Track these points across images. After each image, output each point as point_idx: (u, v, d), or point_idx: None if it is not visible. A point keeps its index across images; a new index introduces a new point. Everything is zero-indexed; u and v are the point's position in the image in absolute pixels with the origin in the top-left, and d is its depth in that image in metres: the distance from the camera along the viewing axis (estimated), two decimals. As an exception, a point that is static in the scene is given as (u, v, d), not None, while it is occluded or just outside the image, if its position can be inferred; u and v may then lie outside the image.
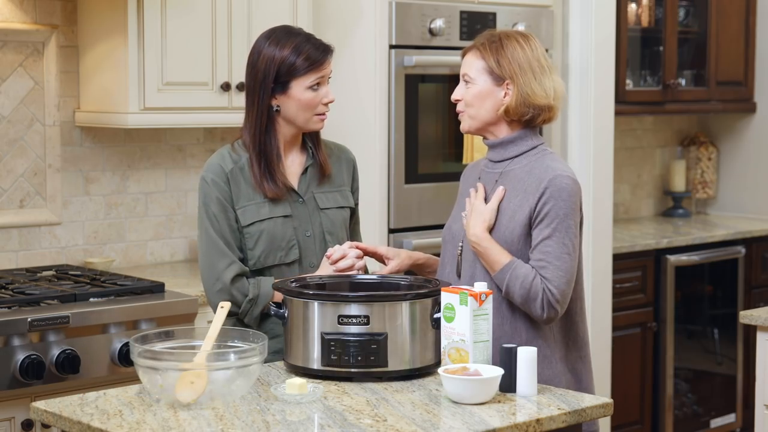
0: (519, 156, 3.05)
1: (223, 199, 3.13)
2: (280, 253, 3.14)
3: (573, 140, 5.08)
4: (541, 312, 2.91)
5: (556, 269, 2.91)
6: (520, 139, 3.05)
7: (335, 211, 3.24)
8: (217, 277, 3.10)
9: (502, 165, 3.07)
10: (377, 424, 2.45)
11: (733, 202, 6.47)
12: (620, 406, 5.12)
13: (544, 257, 2.92)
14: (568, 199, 2.94)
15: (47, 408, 2.58)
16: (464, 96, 3.05)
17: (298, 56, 3.11)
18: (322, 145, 3.26)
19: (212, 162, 3.17)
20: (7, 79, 4.13)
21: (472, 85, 3.04)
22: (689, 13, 6.09)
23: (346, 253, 3.10)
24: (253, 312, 3.11)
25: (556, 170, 2.98)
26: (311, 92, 3.13)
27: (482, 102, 3.03)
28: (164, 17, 4.06)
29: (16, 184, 4.17)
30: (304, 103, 3.12)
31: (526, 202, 2.97)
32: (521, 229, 2.97)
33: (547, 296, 2.90)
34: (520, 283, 2.91)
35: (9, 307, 3.54)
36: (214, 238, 3.12)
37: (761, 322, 3.77)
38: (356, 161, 3.37)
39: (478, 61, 3.04)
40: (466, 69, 3.05)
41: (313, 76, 3.12)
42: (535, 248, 2.94)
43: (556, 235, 2.92)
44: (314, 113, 3.15)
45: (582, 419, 2.62)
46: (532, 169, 3.01)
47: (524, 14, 4.84)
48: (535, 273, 2.91)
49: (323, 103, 3.15)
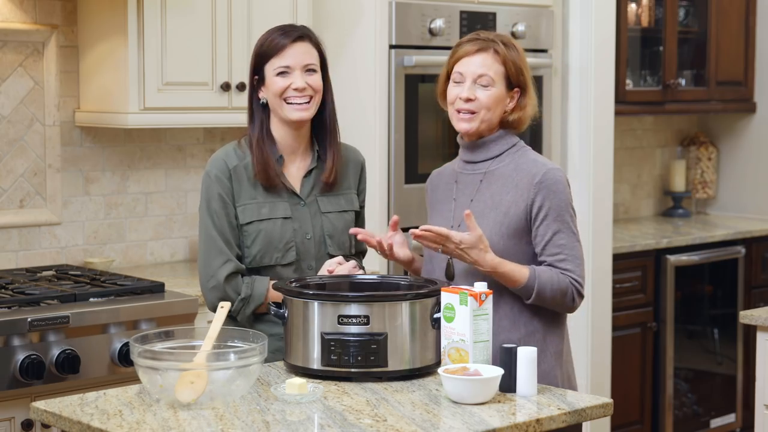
0: (501, 155, 3.08)
1: (224, 195, 3.13)
2: (276, 254, 3.14)
3: (573, 140, 5.08)
4: (572, 303, 3.02)
5: (575, 258, 3.01)
6: (501, 138, 3.09)
7: (337, 215, 3.24)
8: (211, 274, 3.11)
9: (485, 165, 3.09)
10: (377, 424, 2.45)
11: (733, 202, 6.47)
12: (620, 406, 5.12)
13: (561, 250, 2.99)
14: (564, 191, 3.02)
15: (47, 408, 2.58)
16: (480, 97, 3.04)
17: (263, 44, 3.16)
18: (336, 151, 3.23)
19: (217, 157, 3.18)
20: (7, 79, 4.13)
21: (492, 88, 3.04)
22: (689, 13, 6.09)
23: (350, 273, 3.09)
24: (245, 311, 3.12)
25: (545, 165, 3.05)
26: (279, 78, 3.13)
27: (497, 106, 3.06)
28: (164, 17, 4.06)
29: (16, 184, 4.17)
30: (274, 90, 3.14)
31: (520, 198, 3.01)
32: (516, 224, 3.01)
33: (575, 286, 3.00)
34: (550, 287, 2.97)
35: (9, 307, 3.54)
36: (212, 235, 3.12)
37: (761, 322, 3.77)
38: (365, 163, 3.35)
39: (498, 65, 3.04)
40: (485, 70, 3.04)
41: (277, 61, 3.14)
42: (548, 243, 3.00)
43: (565, 227, 3.00)
44: (287, 101, 3.14)
45: (582, 419, 2.62)
46: (518, 165, 3.05)
47: (524, 14, 4.84)
48: (557, 270, 2.98)
49: (293, 88, 3.13)
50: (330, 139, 3.23)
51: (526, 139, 4.87)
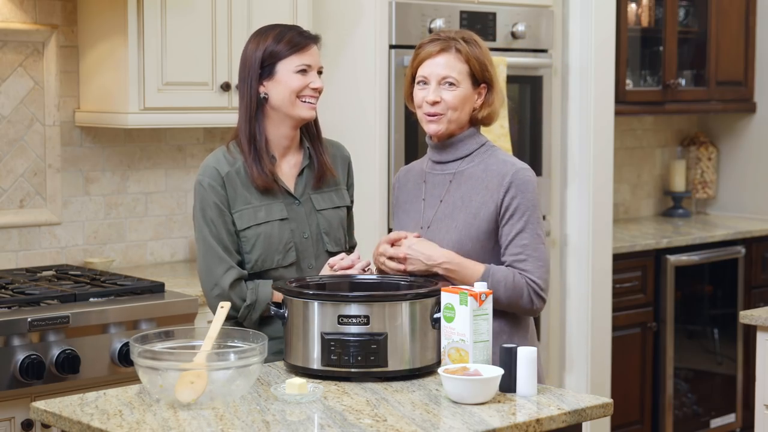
0: (470, 155, 3.08)
1: (220, 203, 3.12)
2: (277, 256, 3.14)
3: (573, 140, 5.08)
4: (530, 305, 2.98)
5: (535, 260, 2.97)
6: (469, 138, 3.09)
7: (332, 211, 3.24)
8: (215, 282, 3.10)
9: (454, 165, 3.09)
10: (377, 424, 2.45)
11: (733, 202, 6.47)
12: (620, 406, 5.13)
13: (522, 250, 2.97)
14: (533, 192, 3.01)
15: (47, 408, 2.58)
16: (447, 99, 3.03)
17: (281, 41, 3.14)
18: (323, 147, 3.26)
19: (207, 165, 3.16)
20: (7, 79, 4.13)
21: (457, 88, 3.03)
22: (689, 13, 6.09)
23: (353, 263, 3.10)
24: (251, 317, 3.11)
25: (515, 165, 3.04)
26: (298, 76, 3.13)
27: (464, 106, 3.05)
28: (164, 17, 4.06)
29: (16, 184, 4.17)
30: (292, 87, 3.13)
31: (490, 198, 3.01)
32: (486, 225, 3.00)
33: (531, 287, 2.97)
34: (503, 285, 2.95)
35: (9, 307, 3.54)
36: (211, 244, 3.11)
37: (761, 322, 3.77)
38: (351, 158, 3.37)
39: (461, 64, 3.04)
40: (449, 71, 3.03)
41: (297, 59, 3.13)
42: (510, 243, 2.98)
43: (529, 227, 2.98)
44: (301, 99, 3.14)
45: (582, 419, 2.62)
46: (488, 166, 3.05)
47: (524, 14, 4.84)
48: (514, 271, 2.96)
49: (311, 87, 3.15)
50: (317, 136, 3.26)
51: (527, 140, 4.90)
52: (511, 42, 4.80)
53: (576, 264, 5.06)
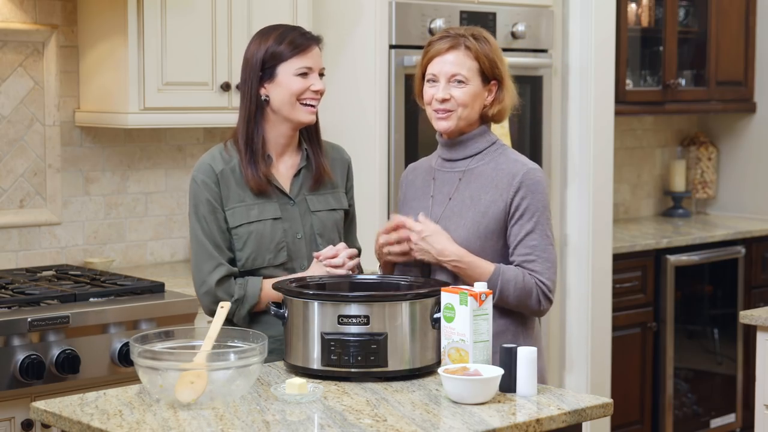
0: (480, 153, 3.08)
1: (212, 200, 3.12)
2: (268, 255, 3.14)
3: (573, 140, 5.08)
4: (537, 306, 2.97)
5: (545, 261, 2.97)
6: (480, 136, 3.08)
7: (326, 213, 3.23)
8: (203, 279, 3.11)
9: (464, 163, 3.08)
10: (377, 424, 2.45)
11: (733, 202, 6.47)
12: (620, 406, 5.13)
13: (531, 251, 2.97)
14: (543, 192, 3.00)
15: (47, 408, 2.58)
16: (456, 96, 3.03)
17: (282, 42, 3.13)
18: (322, 149, 3.25)
19: (203, 162, 3.16)
20: (7, 79, 4.13)
21: (467, 86, 3.03)
22: (689, 13, 6.09)
23: (337, 252, 3.10)
24: (240, 312, 3.12)
25: (526, 164, 3.03)
26: (299, 79, 3.12)
27: (474, 103, 3.05)
28: (164, 17, 4.06)
29: (16, 184, 4.17)
30: (292, 90, 3.12)
31: (500, 198, 3.00)
32: (495, 224, 3.00)
33: (540, 288, 2.97)
34: (513, 285, 2.94)
35: (9, 307, 3.54)
36: (202, 241, 3.12)
37: (761, 322, 3.77)
38: (351, 161, 3.35)
39: (471, 61, 3.03)
40: (458, 69, 3.02)
41: (298, 62, 3.12)
42: (519, 243, 2.98)
43: (538, 228, 2.98)
44: (302, 102, 3.14)
45: (582, 419, 2.62)
46: (498, 165, 3.04)
47: (524, 14, 4.84)
48: (523, 271, 2.96)
49: (312, 90, 3.14)
50: (316, 138, 3.25)
51: (527, 140, 4.90)
52: (511, 42, 4.80)
53: (576, 264, 5.06)
